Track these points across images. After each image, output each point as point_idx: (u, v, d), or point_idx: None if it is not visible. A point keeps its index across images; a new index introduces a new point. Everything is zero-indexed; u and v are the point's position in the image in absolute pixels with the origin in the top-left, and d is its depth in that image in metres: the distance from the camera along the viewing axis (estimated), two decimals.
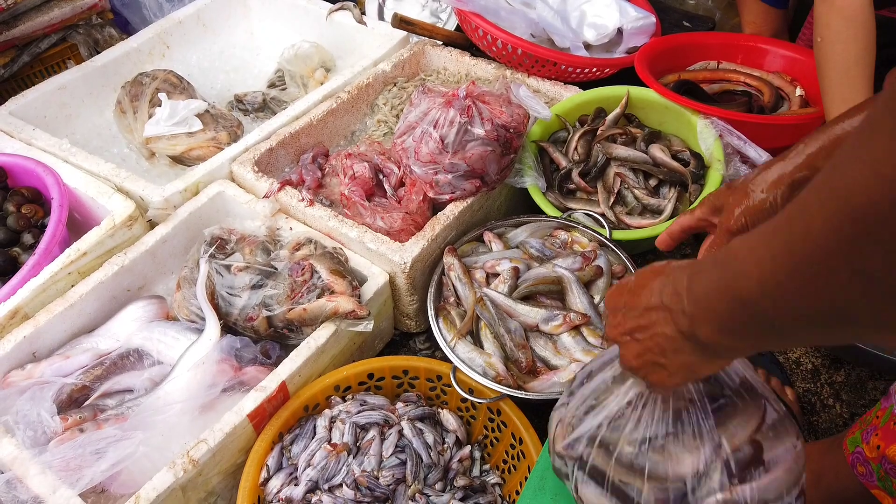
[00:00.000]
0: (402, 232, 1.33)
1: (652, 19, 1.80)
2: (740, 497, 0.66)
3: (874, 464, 0.86)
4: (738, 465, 0.66)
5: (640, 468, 0.69)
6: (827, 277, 0.44)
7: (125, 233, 1.33)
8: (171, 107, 1.61)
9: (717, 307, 0.55)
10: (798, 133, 1.61)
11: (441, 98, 1.39)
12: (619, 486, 0.71)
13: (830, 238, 0.43)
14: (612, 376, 0.73)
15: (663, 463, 0.68)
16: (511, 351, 1.20)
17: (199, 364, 1.13)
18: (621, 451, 0.70)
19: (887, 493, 0.85)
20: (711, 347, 0.58)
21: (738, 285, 0.51)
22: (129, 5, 2.10)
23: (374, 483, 1.07)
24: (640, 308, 0.64)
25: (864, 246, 0.41)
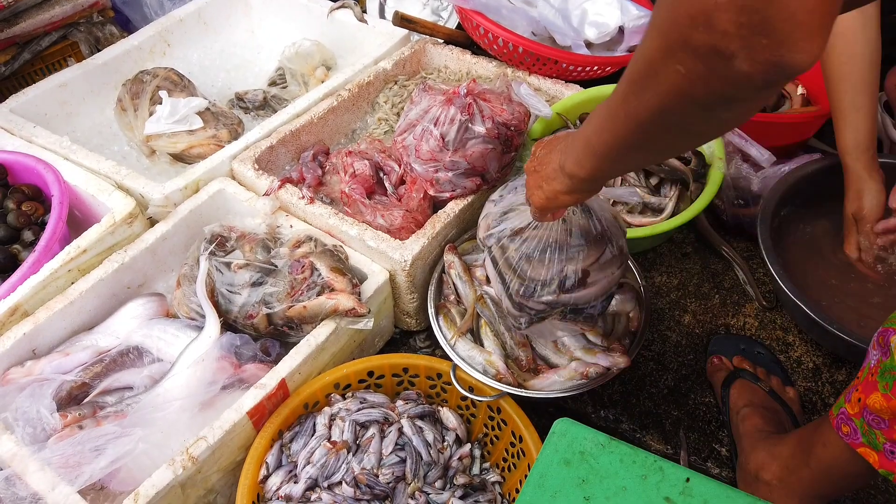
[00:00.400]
0: (403, 230, 1.33)
1: None
2: (562, 300, 1.05)
3: (857, 420, 0.87)
4: (566, 283, 1.04)
5: (515, 268, 1.06)
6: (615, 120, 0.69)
7: (125, 230, 1.33)
8: (172, 105, 1.61)
9: (577, 144, 0.82)
10: (799, 131, 1.61)
11: (442, 96, 1.39)
12: (502, 273, 1.08)
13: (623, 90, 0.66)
14: (525, 198, 1.03)
15: (528, 270, 1.05)
16: (511, 349, 1.19)
17: (198, 361, 1.13)
18: (509, 255, 1.07)
19: (872, 448, 0.85)
20: (572, 177, 0.85)
21: (586, 131, 0.78)
22: (130, 3, 2.10)
23: (373, 481, 1.07)
24: (551, 145, 0.93)
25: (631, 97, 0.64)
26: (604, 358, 1.15)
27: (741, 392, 1.22)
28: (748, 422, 1.16)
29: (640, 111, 0.63)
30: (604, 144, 0.75)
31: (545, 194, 0.92)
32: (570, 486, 0.83)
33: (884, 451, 0.84)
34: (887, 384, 0.81)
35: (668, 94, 0.58)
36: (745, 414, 1.17)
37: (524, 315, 1.11)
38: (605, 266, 1.06)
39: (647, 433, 1.27)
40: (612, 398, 1.31)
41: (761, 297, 1.43)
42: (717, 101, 0.56)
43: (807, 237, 1.43)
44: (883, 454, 0.84)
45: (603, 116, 0.73)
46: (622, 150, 0.73)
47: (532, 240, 1.04)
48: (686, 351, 1.37)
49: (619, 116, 0.68)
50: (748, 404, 1.19)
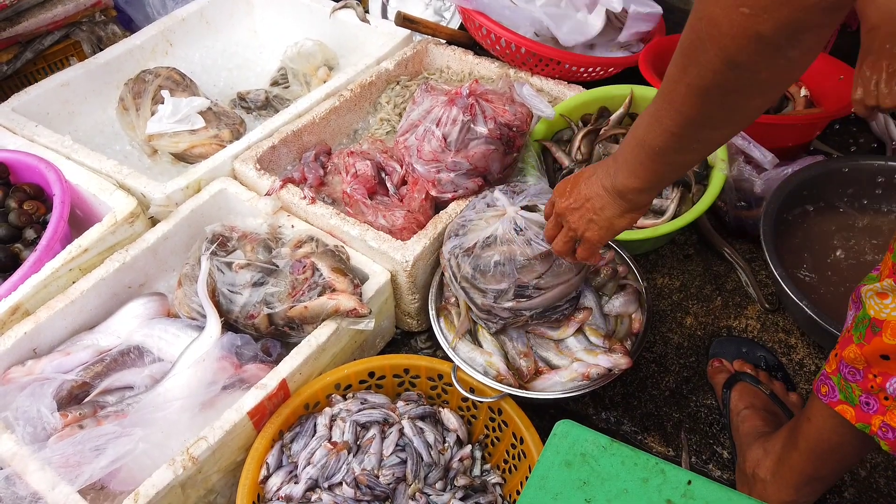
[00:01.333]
0: (404, 230, 1.33)
1: (658, 9, 1.77)
2: (523, 306, 1.13)
3: (834, 377, 0.88)
4: (521, 291, 1.12)
5: (471, 281, 1.15)
6: (674, 98, 0.69)
7: (127, 229, 1.33)
8: (174, 104, 1.60)
9: (625, 155, 0.82)
10: (802, 133, 1.60)
11: (444, 96, 1.38)
12: (462, 286, 1.17)
13: (679, 65, 0.67)
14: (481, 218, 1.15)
15: (484, 282, 1.13)
16: (514, 359, 1.19)
17: (199, 361, 1.12)
18: (465, 271, 1.15)
19: (849, 403, 0.86)
20: (623, 193, 0.85)
21: (636, 133, 0.78)
22: (132, 3, 2.10)
23: (374, 482, 1.06)
24: (581, 182, 0.93)
25: (691, 67, 0.65)
26: (605, 359, 1.15)
27: (742, 395, 1.22)
28: (748, 423, 1.16)
29: (704, 75, 0.63)
30: (663, 134, 0.73)
31: (601, 225, 0.90)
32: (571, 489, 0.83)
33: (860, 405, 0.85)
34: (861, 334, 0.83)
35: (734, 42, 0.58)
36: (745, 416, 1.17)
37: (493, 319, 1.17)
38: (560, 274, 1.12)
39: (648, 435, 1.26)
40: (613, 400, 1.31)
41: (763, 299, 1.43)
42: (786, 35, 0.56)
43: (809, 239, 1.43)
44: (859, 407, 0.85)
45: (657, 107, 0.72)
46: (687, 133, 0.71)
47: (482, 257, 1.12)
48: (688, 353, 1.37)
49: (678, 93, 0.68)
50: (748, 406, 1.19)
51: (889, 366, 0.80)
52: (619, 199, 0.87)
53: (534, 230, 1.12)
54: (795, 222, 1.44)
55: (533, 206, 1.17)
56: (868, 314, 0.82)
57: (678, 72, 0.67)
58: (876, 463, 1.21)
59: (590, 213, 0.91)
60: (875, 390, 0.83)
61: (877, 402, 0.83)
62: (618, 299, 1.25)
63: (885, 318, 0.79)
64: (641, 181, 0.82)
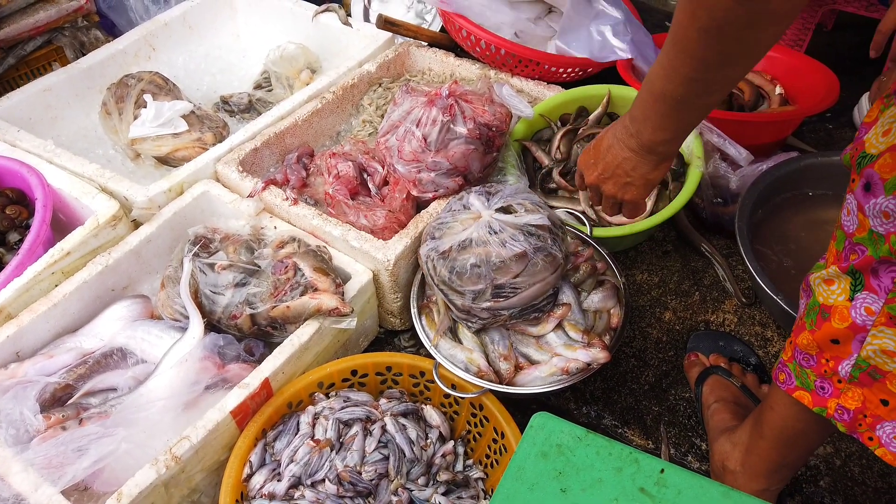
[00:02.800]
0: (386, 230, 1.34)
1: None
2: (501, 306, 1.15)
3: (790, 364, 0.91)
4: (498, 291, 1.14)
5: (448, 283, 1.17)
6: (687, 44, 0.71)
7: (109, 232, 1.34)
8: (157, 108, 1.61)
9: (645, 112, 0.84)
10: (777, 130, 1.63)
11: (424, 97, 1.40)
12: (439, 287, 1.19)
13: (688, 10, 0.69)
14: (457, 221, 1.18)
15: (461, 284, 1.15)
16: (493, 361, 1.20)
17: (182, 361, 1.13)
18: (441, 273, 1.17)
19: (805, 388, 0.89)
20: (652, 147, 0.88)
21: (652, 88, 0.81)
22: (115, 8, 2.10)
23: (356, 478, 1.08)
24: (602, 152, 0.97)
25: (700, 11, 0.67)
26: (584, 353, 1.17)
27: (713, 388, 1.24)
28: (717, 417, 1.18)
29: (715, 16, 0.65)
30: (683, 82, 0.75)
31: (638, 184, 0.95)
32: (546, 479, 0.84)
33: (815, 389, 0.88)
34: (812, 320, 0.86)
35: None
36: (715, 409, 1.20)
37: (473, 319, 1.19)
38: (536, 273, 1.14)
39: (628, 428, 1.28)
40: (594, 394, 1.33)
41: (740, 293, 1.45)
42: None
43: (784, 234, 1.46)
44: (815, 392, 0.88)
45: (670, 57, 0.74)
46: (707, 76, 0.73)
47: (458, 260, 1.15)
48: (667, 347, 1.39)
49: (691, 39, 0.69)
50: (718, 400, 1.21)
51: (839, 349, 0.83)
52: (649, 155, 0.89)
53: (509, 232, 1.13)
54: (770, 218, 1.47)
55: (508, 208, 1.18)
56: (818, 301, 0.85)
57: (687, 18, 0.68)
58: (850, 452, 1.24)
59: (624, 178, 0.95)
60: (828, 374, 0.85)
61: (831, 386, 0.86)
62: (596, 295, 1.27)
63: (832, 303, 0.82)
64: (670, 132, 0.84)
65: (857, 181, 0.78)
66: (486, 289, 1.14)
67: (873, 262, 0.77)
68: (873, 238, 0.76)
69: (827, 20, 2.18)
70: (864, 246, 0.78)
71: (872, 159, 0.76)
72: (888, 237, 0.74)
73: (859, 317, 0.80)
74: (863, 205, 0.77)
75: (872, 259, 0.76)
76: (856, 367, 0.83)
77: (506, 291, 1.14)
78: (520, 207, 1.19)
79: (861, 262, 0.78)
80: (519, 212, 1.18)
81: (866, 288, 0.79)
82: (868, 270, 0.78)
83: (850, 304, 0.80)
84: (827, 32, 2.19)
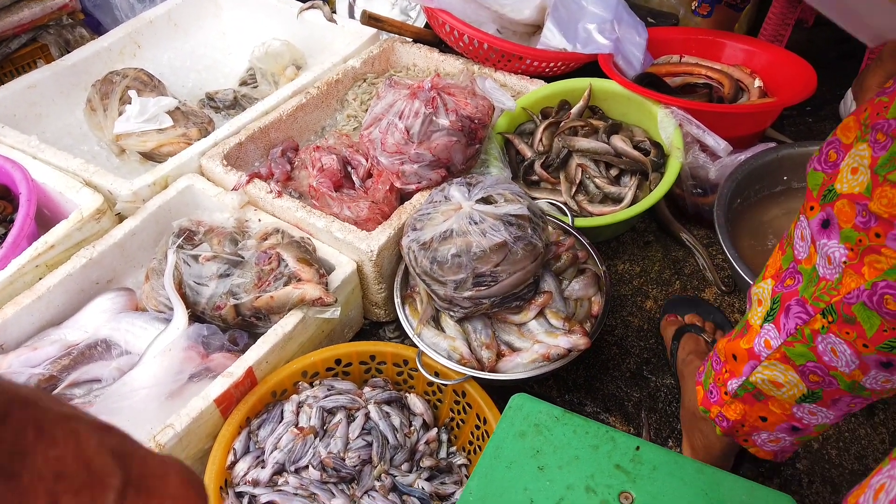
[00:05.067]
0: (369, 221, 1.36)
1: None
2: (483, 294, 1.17)
3: (708, 362, 0.96)
4: (479, 280, 1.15)
5: (430, 273, 1.18)
6: None
7: (93, 226, 1.34)
8: (142, 104, 1.62)
9: None
10: (756, 122, 1.66)
11: (407, 90, 1.42)
12: (421, 277, 1.21)
13: None
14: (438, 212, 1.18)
15: (442, 273, 1.16)
16: (476, 350, 1.22)
17: (166, 351, 1.14)
18: (423, 263, 1.18)
19: (703, 386, 0.94)
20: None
21: None
22: (100, 6, 2.11)
23: (339, 464, 1.08)
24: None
25: None
26: (565, 340, 1.18)
27: (687, 342, 1.29)
28: (690, 366, 1.22)
29: None
30: None
31: None
32: (524, 457, 0.86)
33: (708, 391, 0.93)
34: (736, 330, 0.90)
35: None
36: (689, 360, 1.24)
37: (455, 309, 1.20)
38: (516, 262, 1.15)
39: (610, 415, 1.30)
40: (576, 382, 1.34)
41: (720, 282, 1.47)
42: None
43: (762, 223, 1.48)
44: (707, 393, 0.93)
45: None
46: None
47: (439, 251, 1.15)
48: (648, 335, 1.41)
49: None
50: (692, 352, 1.26)
51: (735, 367, 0.87)
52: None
53: (489, 222, 1.14)
54: (749, 207, 1.49)
55: (489, 198, 1.19)
56: (748, 314, 0.89)
57: None
58: (827, 435, 1.26)
59: None
60: (720, 383, 0.89)
61: (718, 394, 0.91)
62: (577, 283, 1.29)
63: (752, 323, 0.86)
64: None
65: (817, 211, 0.77)
66: (467, 278, 1.15)
67: (794, 297, 0.78)
68: (811, 277, 0.77)
69: (808, 16, 2.22)
70: (802, 278, 0.79)
71: (836, 197, 0.74)
72: (821, 282, 0.75)
73: (758, 346, 0.84)
74: (816, 239, 0.76)
75: (796, 294, 0.78)
76: (742, 387, 0.88)
77: (487, 280, 1.16)
78: (500, 198, 1.20)
79: (787, 294, 0.80)
80: (499, 202, 1.19)
81: (774, 322, 0.82)
82: (784, 306, 0.80)
83: (759, 331, 0.84)
84: (808, 28, 2.22)
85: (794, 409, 0.85)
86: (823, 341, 0.76)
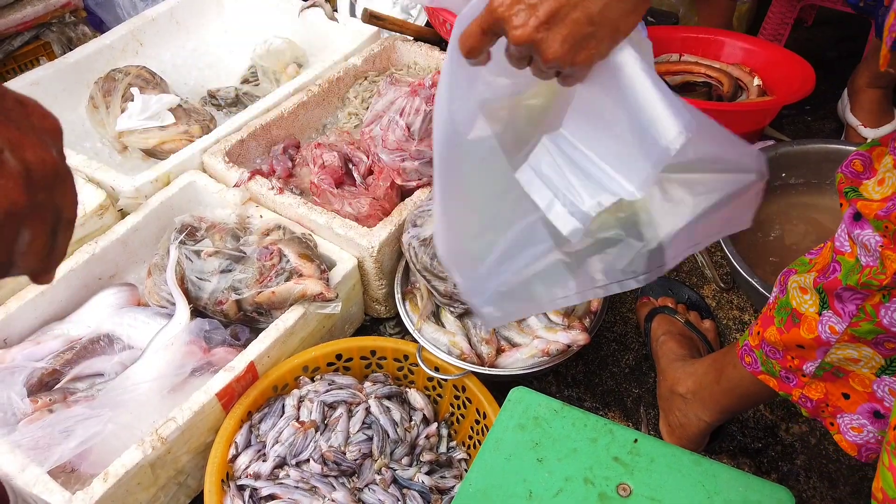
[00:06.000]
0: (370, 217, 1.36)
1: None
2: None
3: (757, 351, 0.95)
4: None
5: (431, 269, 1.21)
6: None
7: (96, 222, 1.35)
8: (144, 101, 1.63)
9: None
10: (755, 120, 1.67)
11: (408, 88, 1.43)
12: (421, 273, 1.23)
13: None
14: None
15: (443, 271, 1.18)
16: (476, 345, 1.23)
17: (168, 345, 1.15)
18: (423, 259, 1.22)
19: (770, 374, 0.94)
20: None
21: None
22: (102, 4, 2.12)
23: (340, 457, 1.09)
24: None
25: None
26: (564, 335, 1.19)
27: (660, 323, 1.32)
28: (665, 346, 1.25)
29: None
30: None
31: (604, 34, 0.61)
32: (524, 449, 0.87)
33: (780, 377, 0.92)
34: (782, 319, 0.89)
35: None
36: (663, 340, 1.27)
37: (455, 304, 1.22)
38: None
39: (609, 410, 1.31)
40: (575, 378, 1.35)
41: (719, 278, 1.48)
42: None
43: (761, 220, 1.49)
44: (780, 379, 0.92)
45: None
46: None
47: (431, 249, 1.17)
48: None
49: None
50: (665, 332, 1.28)
51: (804, 353, 0.87)
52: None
53: None
54: None
55: None
56: (790, 303, 0.88)
57: None
58: (825, 430, 1.26)
59: (585, 23, 0.59)
60: (793, 369, 0.89)
61: (796, 378, 0.90)
62: None
63: (804, 312, 0.85)
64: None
65: (846, 207, 0.80)
66: None
67: (839, 286, 0.80)
68: (853, 267, 0.78)
69: (807, 16, 2.23)
70: (841, 267, 0.80)
71: (859, 196, 0.77)
72: (865, 269, 0.76)
73: (824, 333, 0.84)
74: (850, 231, 0.79)
75: (839, 283, 0.79)
76: (820, 367, 0.88)
77: None
78: None
79: (829, 284, 0.81)
80: None
81: (831, 308, 0.82)
82: (833, 294, 0.81)
83: (819, 318, 0.84)
84: (807, 28, 2.23)
85: (874, 385, 0.85)
86: (887, 312, 0.77)
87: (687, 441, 1.14)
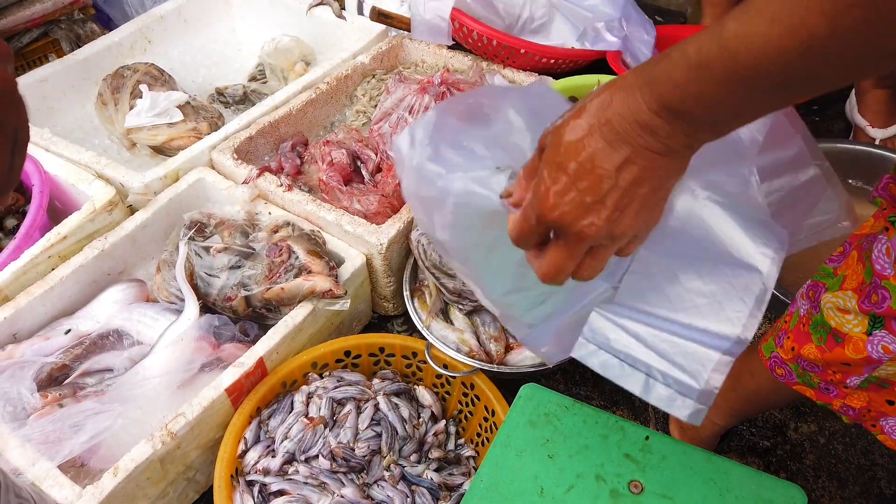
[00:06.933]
0: (379, 214, 1.36)
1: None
2: None
3: (791, 364, 0.93)
4: None
5: (440, 266, 1.21)
6: None
7: (105, 218, 1.35)
8: (152, 98, 1.63)
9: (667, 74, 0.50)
10: None
11: (416, 85, 1.43)
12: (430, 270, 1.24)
13: None
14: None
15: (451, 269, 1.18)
16: (484, 343, 1.23)
17: (177, 341, 1.15)
18: (432, 256, 1.22)
19: (807, 386, 0.92)
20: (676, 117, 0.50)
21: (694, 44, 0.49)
22: (110, 2, 2.12)
23: (349, 454, 1.09)
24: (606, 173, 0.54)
25: None
26: None
27: None
28: None
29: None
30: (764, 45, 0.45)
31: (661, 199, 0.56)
32: (534, 446, 0.87)
33: (819, 388, 0.91)
34: (821, 337, 0.87)
35: None
36: None
37: (464, 302, 1.22)
38: None
39: (617, 409, 1.30)
40: (584, 376, 1.35)
41: None
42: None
43: None
44: (818, 390, 0.91)
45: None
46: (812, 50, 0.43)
47: None
48: None
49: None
50: None
51: (850, 370, 0.85)
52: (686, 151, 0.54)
53: None
54: None
55: None
56: (828, 323, 0.85)
57: None
58: (834, 430, 1.26)
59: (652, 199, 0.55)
60: (835, 382, 0.88)
61: (836, 389, 0.89)
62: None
63: (847, 332, 0.83)
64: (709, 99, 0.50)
65: (893, 231, 0.78)
66: None
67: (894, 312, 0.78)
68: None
69: None
70: (888, 293, 0.78)
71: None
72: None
73: (875, 352, 0.81)
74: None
75: (893, 311, 0.78)
76: (865, 381, 0.86)
77: None
78: None
79: (884, 311, 0.79)
80: None
81: (885, 328, 0.80)
82: (890, 318, 0.79)
83: (868, 339, 0.81)
84: None
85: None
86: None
87: (698, 442, 1.13)
